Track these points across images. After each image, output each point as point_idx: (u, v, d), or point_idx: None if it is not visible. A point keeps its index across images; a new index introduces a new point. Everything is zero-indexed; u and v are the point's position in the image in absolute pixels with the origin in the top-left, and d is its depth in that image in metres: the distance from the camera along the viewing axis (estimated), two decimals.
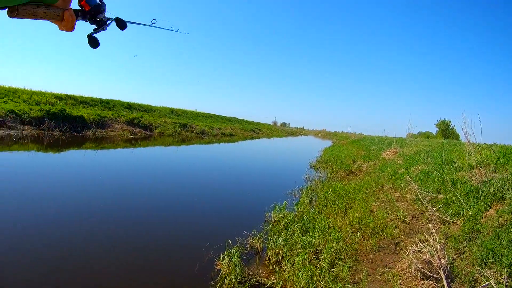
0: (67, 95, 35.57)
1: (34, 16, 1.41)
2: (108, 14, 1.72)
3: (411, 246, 5.82)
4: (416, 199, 9.00)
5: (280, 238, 6.76)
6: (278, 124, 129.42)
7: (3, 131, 22.46)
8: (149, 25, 2.20)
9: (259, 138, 57.68)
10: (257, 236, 7.22)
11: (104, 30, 1.74)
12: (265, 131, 75.22)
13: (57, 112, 27.95)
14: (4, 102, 26.98)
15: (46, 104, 29.55)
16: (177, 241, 7.15)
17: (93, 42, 1.74)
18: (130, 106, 44.28)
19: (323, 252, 6.11)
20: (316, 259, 6.03)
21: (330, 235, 6.97)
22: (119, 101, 43.69)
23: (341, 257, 6.06)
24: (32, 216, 7.66)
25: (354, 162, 21.31)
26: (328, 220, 8.18)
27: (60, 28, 1.53)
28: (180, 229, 7.86)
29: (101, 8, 1.67)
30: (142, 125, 37.19)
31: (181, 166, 17.72)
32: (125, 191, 10.88)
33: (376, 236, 7.04)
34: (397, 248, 6.41)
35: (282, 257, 6.24)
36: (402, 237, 6.88)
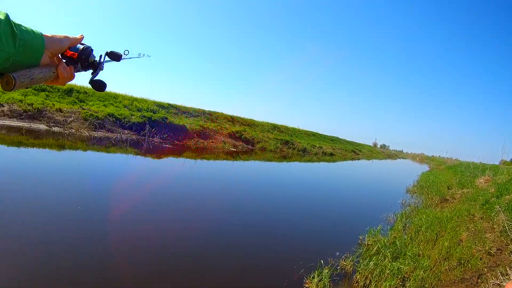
0: (169, 104, 36.60)
1: (31, 81, 1.24)
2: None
3: (492, 279, 5.43)
4: (503, 231, 8.47)
5: (371, 262, 6.66)
6: (378, 146, 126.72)
7: (102, 133, 23.28)
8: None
9: (359, 159, 55.97)
10: (349, 258, 7.10)
11: (102, 69, 1.59)
12: (365, 152, 73.50)
13: (158, 119, 28.56)
14: (104, 105, 28.02)
15: (147, 111, 30.41)
16: (269, 256, 7.10)
17: (98, 86, 1.57)
18: (233, 119, 44.51)
19: (409, 280, 6.00)
20: (402, 286, 5.94)
21: (418, 263, 6.77)
22: (222, 113, 44.22)
23: (426, 286, 5.88)
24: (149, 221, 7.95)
25: (448, 188, 20.36)
26: (419, 247, 7.95)
27: (58, 84, 1.43)
28: (273, 245, 7.79)
29: (88, 50, 1.50)
30: (244, 138, 37.09)
31: (280, 182, 17.57)
32: (221, 204, 10.92)
33: (461, 267, 6.66)
34: (479, 280, 5.95)
35: (370, 281, 6.13)
36: (485, 269, 6.39)
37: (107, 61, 1.61)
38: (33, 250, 5.52)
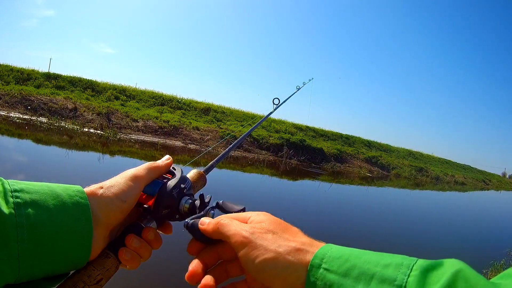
0: (307, 127, 36.83)
1: None
2: None
3: None
4: None
5: None
6: (507, 176, 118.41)
7: (239, 152, 23.58)
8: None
9: (488, 189, 53.05)
10: None
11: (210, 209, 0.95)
12: (495, 183, 69.24)
13: (296, 142, 28.36)
14: (242, 125, 28.55)
15: (285, 133, 30.45)
16: None
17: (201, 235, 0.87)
18: (369, 144, 44.43)
19: None
20: None
21: None
22: (359, 138, 44.27)
23: None
24: None
25: None
26: None
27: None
28: None
29: (174, 189, 0.94)
30: (380, 164, 36.23)
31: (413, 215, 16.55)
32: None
33: None
34: None
35: None
36: None
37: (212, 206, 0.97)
38: None
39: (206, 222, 0.85)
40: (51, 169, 10.54)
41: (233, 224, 0.79)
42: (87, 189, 0.82)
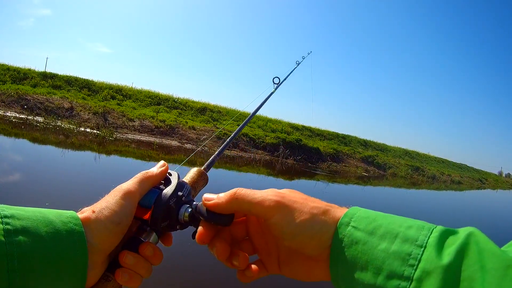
0: (303, 126, 36.70)
1: None
2: None
3: None
4: None
5: None
6: (504, 175, 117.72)
7: (235, 152, 23.57)
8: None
9: (485, 188, 52.13)
10: None
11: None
12: (491, 182, 69.15)
13: (292, 141, 28.23)
14: (238, 125, 27.78)
15: (281, 132, 30.39)
16: None
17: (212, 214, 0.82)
18: (365, 144, 44.36)
19: None
20: None
21: None
22: (355, 137, 44.28)
23: None
24: None
25: None
26: None
27: None
28: None
29: (171, 199, 0.88)
30: (376, 163, 36.08)
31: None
32: None
33: None
34: None
35: None
36: None
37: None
38: None
39: (213, 198, 0.81)
40: (47, 169, 10.35)
41: (257, 192, 0.78)
42: (81, 215, 0.79)
